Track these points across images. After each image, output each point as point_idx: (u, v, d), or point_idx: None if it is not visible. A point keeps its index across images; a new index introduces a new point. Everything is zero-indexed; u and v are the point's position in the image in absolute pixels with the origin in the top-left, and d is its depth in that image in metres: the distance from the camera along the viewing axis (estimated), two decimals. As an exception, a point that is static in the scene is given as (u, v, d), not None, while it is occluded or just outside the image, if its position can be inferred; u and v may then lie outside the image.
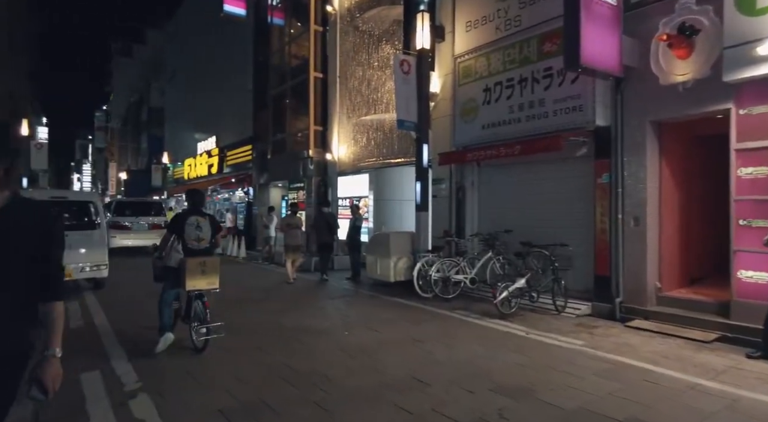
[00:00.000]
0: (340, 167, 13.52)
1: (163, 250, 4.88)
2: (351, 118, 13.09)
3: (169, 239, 4.86)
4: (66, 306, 5.26)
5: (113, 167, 55.09)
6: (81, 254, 7.66)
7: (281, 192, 18.36)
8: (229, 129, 22.62)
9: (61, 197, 7.74)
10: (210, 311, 4.79)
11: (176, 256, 4.86)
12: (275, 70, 16.99)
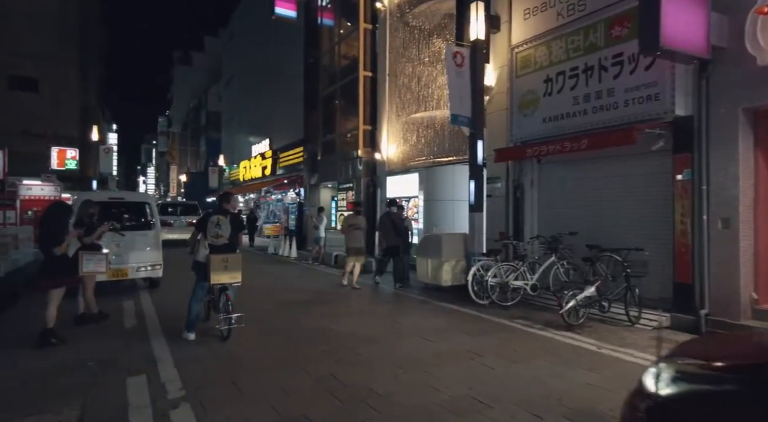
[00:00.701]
0: (389, 166, 13.22)
1: (193, 246, 5.39)
2: (400, 116, 12.76)
3: (196, 236, 5.35)
4: (122, 306, 5.26)
5: (174, 169, 58.04)
6: (137, 253, 7.81)
7: (331, 193, 18.36)
8: (281, 132, 23.01)
9: (118, 198, 7.97)
10: (232, 303, 5.21)
11: (203, 252, 5.25)
12: (325, 71, 16.99)
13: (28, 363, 4.39)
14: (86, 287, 5.77)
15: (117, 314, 6.34)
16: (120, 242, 7.66)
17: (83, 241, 5.71)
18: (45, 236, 4.91)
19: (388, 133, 13.26)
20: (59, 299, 4.98)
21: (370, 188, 13.96)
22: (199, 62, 58.31)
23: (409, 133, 12.35)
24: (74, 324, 5.72)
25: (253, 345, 5.04)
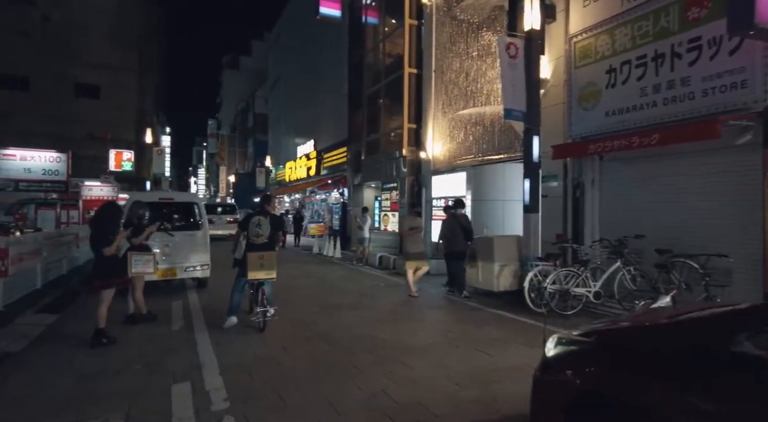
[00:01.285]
0: (435, 165, 12.83)
1: (236, 245, 5.89)
2: (447, 113, 12.35)
3: (240, 235, 5.79)
4: (171, 306, 5.20)
5: (223, 170, 59.99)
6: (186, 254, 7.86)
7: (374, 193, 18.15)
8: (326, 132, 23.14)
9: (168, 198, 8.05)
10: (267, 297, 5.59)
11: (241, 250, 5.73)
12: (369, 69, 16.80)
13: (82, 362, 4.38)
14: (135, 288, 5.79)
15: (165, 314, 6.35)
16: (169, 243, 7.74)
17: (132, 242, 5.72)
18: (95, 237, 4.92)
19: (433, 131, 12.88)
20: (110, 299, 4.98)
21: (414, 188, 13.63)
22: (247, 66, 59.95)
23: (456, 130, 11.91)
24: (125, 323, 5.75)
25: (300, 351, 4.83)
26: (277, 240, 5.74)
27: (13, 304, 6.42)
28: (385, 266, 12.10)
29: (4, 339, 5.00)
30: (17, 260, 6.68)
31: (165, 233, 7.75)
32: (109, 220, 5.00)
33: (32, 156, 13.43)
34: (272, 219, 5.73)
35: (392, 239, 13.95)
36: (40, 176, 13.44)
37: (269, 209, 5.83)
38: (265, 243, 5.60)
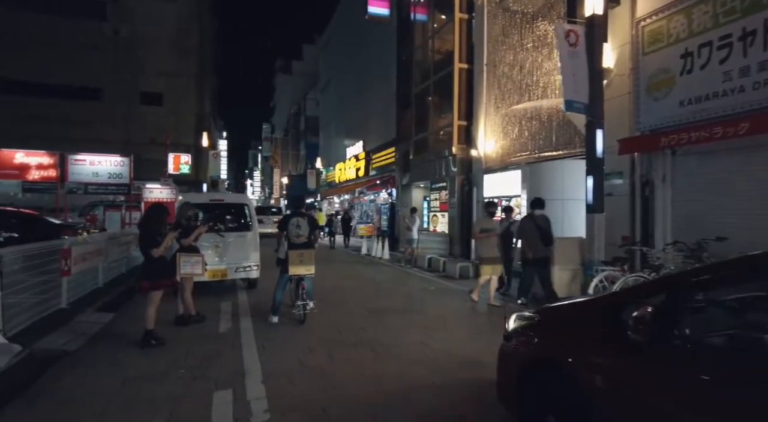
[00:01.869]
0: (487, 163, 12.31)
1: (278, 244, 6.26)
2: (500, 108, 11.80)
3: (281, 236, 6.18)
4: (220, 307, 5.13)
5: (277, 172, 61.75)
6: (236, 254, 7.91)
7: (423, 193, 17.83)
8: (374, 133, 23.08)
9: (218, 200, 8.15)
10: (307, 292, 6.02)
11: (282, 249, 6.14)
12: (418, 67, 16.48)
13: (130, 363, 4.40)
14: (184, 289, 5.82)
15: (214, 315, 6.36)
16: (220, 243, 7.81)
17: (181, 243, 5.76)
18: (143, 239, 4.95)
19: (485, 127, 12.37)
20: (158, 301, 5.00)
21: (465, 188, 13.17)
22: (299, 70, 61.29)
23: (510, 126, 11.35)
24: (175, 324, 5.79)
25: (346, 359, 4.62)
26: (314, 239, 6.25)
27: (76, 301, 6.66)
28: (435, 269, 11.74)
29: (65, 336, 5.15)
30: (81, 259, 6.95)
31: (216, 234, 7.85)
32: (156, 221, 5.02)
33: (99, 160, 14.20)
34: (309, 220, 6.21)
35: (442, 240, 13.56)
36: (106, 180, 14.18)
37: (303, 210, 6.36)
38: (305, 242, 6.03)
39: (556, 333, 2.77)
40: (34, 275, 5.83)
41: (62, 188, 13.77)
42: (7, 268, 5.06)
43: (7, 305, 4.95)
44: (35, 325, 5.32)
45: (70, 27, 33.82)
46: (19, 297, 5.32)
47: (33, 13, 33.60)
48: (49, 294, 6.13)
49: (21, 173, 13.51)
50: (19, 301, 5.29)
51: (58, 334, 5.17)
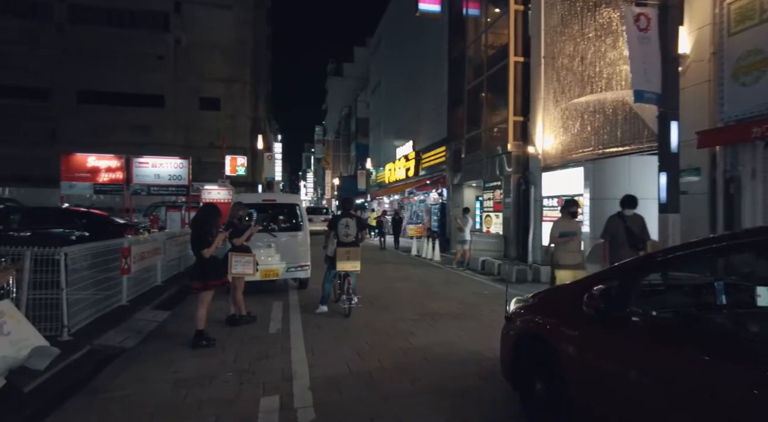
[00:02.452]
0: (545, 161, 11.68)
1: (326, 242, 6.69)
2: (559, 102, 11.15)
3: (329, 235, 6.63)
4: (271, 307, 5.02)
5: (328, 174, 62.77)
6: (287, 254, 7.90)
7: (475, 192, 17.32)
8: (424, 133, 22.86)
9: (270, 200, 8.19)
10: (353, 288, 6.47)
11: (331, 247, 6.57)
12: (470, 63, 16.01)
13: (181, 364, 4.41)
14: (236, 289, 5.82)
15: (265, 315, 6.34)
16: (272, 243, 7.84)
17: (233, 243, 5.76)
18: (194, 239, 4.97)
19: (543, 123, 11.74)
20: (208, 301, 5.00)
21: (521, 187, 12.58)
22: (350, 72, 62.03)
23: (571, 121, 10.68)
24: (226, 324, 5.81)
25: (397, 367, 4.39)
26: (361, 238, 6.65)
27: (136, 299, 6.89)
28: (489, 272, 11.27)
29: (123, 333, 5.27)
30: (140, 258, 7.19)
31: (269, 234, 7.89)
32: (207, 222, 5.03)
33: (161, 163, 14.88)
34: (357, 220, 6.63)
35: (496, 241, 13.03)
36: (166, 181, 14.84)
37: (352, 211, 6.77)
38: (353, 241, 6.46)
39: (543, 312, 3.23)
40: (97, 273, 6.08)
41: (128, 190, 14.55)
42: (73, 265, 5.27)
43: (74, 302, 5.14)
44: (98, 321, 5.50)
45: (136, 39, 36.03)
46: (84, 293, 5.55)
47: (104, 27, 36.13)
48: (112, 291, 6.37)
49: (92, 175, 14.41)
50: (85, 297, 5.52)
51: (118, 331, 5.31)
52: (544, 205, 11.65)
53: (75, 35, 34.89)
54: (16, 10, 34.69)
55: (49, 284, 4.89)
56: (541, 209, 11.73)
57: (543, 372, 3.00)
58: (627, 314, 2.51)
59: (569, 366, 2.73)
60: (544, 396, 2.99)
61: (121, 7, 36.65)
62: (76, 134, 32.30)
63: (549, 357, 2.89)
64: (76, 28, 35.18)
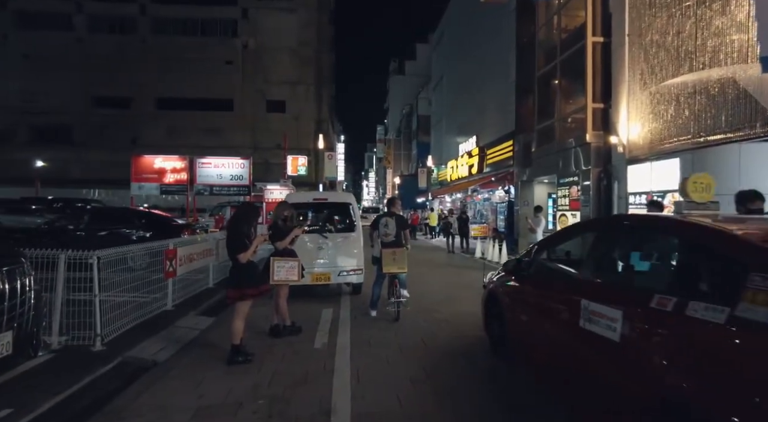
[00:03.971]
0: (631, 152, 10.24)
1: (372, 240, 6.50)
2: (647, 85, 9.69)
3: (372, 234, 6.49)
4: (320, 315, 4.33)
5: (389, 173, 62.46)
6: (339, 257, 7.32)
7: (547, 189, 15.92)
8: (489, 127, 21.77)
9: (322, 199, 7.65)
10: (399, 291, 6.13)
11: (377, 247, 6.35)
12: (541, 48, 14.65)
13: (211, 384, 3.89)
14: (279, 297, 5.27)
15: (311, 325, 5.75)
16: (323, 245, 7.29)
17: (276, 246, 5.22)
18: (231, 242, 4.45)
19: (628, 109, 10.29)
20: (245, 312, 4.46)
21: (601, 182, 11.17)
22: (411, 70, 61.40)
23: (663, 105, 9.21)
24: (269, 334, 5.29)
25: (460, 400, 3.59)
26: (405, 238, 6.38)
27: (183, 303, 6.60)
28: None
29: (160, 342, 4.90)
30: (188, 260, 6.90)
31: (319, 235, 7.35)
32: (245, 222, 4.49)
33: (222, 163, 15.06)
34: (397, 219, 6.38)
35: (572, 244, 11.67)
36: (228, 182, 15.00)
37: (395, 210, 6.48)
38: (393, 241, 6.20)
39: (500, 278, 4.71)
40: (140, 276, 5.82)
41: (192, 190, 14.83)
42: (111, 269, 5.00)
43: (112, 307, 4.85)
44: (138, 328, 5.19)
45: (207, 45, 37.68)
46: (125, 297, 5.27)
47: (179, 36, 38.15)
48: (158, 295, 6.10)
49: (159, 176, 14.85)
50: (124, 302, 5.24)
51: (155, 340, 4.94)
52: (630, 203, 10.22)
53: (155, 46, 37.14)
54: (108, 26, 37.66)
55: (86, 288, 4.61)
56: (627, 207, 10.30)
57: (497, 319, 4.56)
58: (527, 274, 4.00)
59: (507, 309, 4.30)
60: (498, 334, 4.53)
61: (195, 17, 38.53)
62: (153, 138, 34.32)
63: (498, 307, 4.49)
64: (157, 39, 37.44)
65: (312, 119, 38.93)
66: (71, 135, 36.42)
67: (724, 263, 2.28)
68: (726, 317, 1.99)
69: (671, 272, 2.85)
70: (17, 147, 34.43)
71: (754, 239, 2.29)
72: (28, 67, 35.44)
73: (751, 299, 1.94)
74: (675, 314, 2.24)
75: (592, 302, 2.79)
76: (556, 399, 3.40)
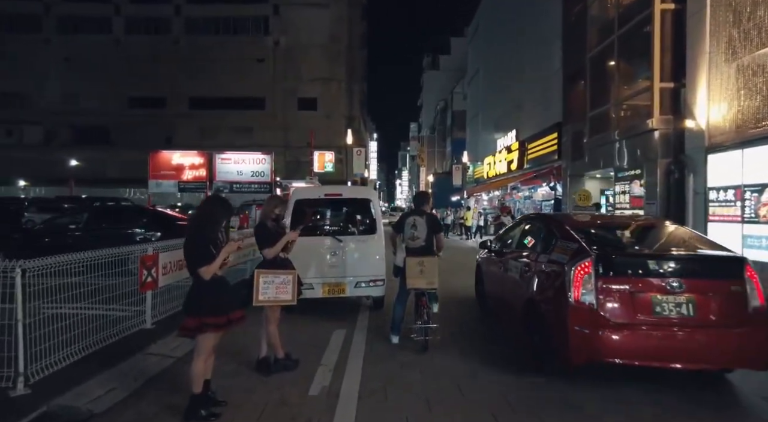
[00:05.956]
0: (712, 138, 8.47)
1: (394, 246, 5.27)
2: (736, 56, 7.92)
3: (395, 238, 5.22)
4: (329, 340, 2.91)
5: (423, 171, 60.89)
6: (356, 265, 6.06)
7: (600, 185, 14.15)
8: (529, 120, 20.25)
9: (335, 194, 6.35)
10: (428, 311, 4.80)
11: (400, 255, 5.07)
12: (593, 24, 12.86)
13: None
14: (268, 322, 4.02)
15: (314, 357, 4.47)
16: (337, 250, 6.03)
17: (264, 254, 3.99)
18: (188, 250, 3.23)
19: (709, 86, 8.52)
20: (209, 349, 3.22)
21: (673, 174, 9.41)
22: (446, 65, 59.69)
23: (758, 78, 7.43)
24: (256, 370, 4.06)
25: None
26: (437, 244, 5.04)
27: (167, 319, 5.44)
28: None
29: (111, 380, 3.74)
30: (178, 267, 5.79)
31: (332, 238, 6.10)
32: (210, 222, 3.24)
33: (243, 159, 14.16)
34: (429, 219, 5.02)
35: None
36: (249, 178, 14.09)
37: (425, 208, 5.13)
38: (422, 246, 4.91)
39: (481, 255, 6.90)
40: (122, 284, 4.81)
41: (211, 188, 13.96)
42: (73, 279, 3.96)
43: (66, 327, 3.77)
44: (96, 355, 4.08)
45: (239, 44, 37.35)
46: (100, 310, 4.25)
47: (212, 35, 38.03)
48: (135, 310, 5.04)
49: (177, 173, 14.06)
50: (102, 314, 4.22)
51: (106, 376, 3.78)
52: (710, 199, 8.43)
53: (188, 46, 37.16)
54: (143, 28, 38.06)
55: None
56: (706, 204, 8.52)
57: (479, 281, 6.82)
58: (494, 250, 6.18)
59: (484, 274, 6.52)
60: (481, 293, 6.70)
61: (226, 15, 38.31)
62: (186, 137, 34.19)
63: (479, 273, 6.81)
64: (190, 39, 37.46)
65: (343, 116, 37.97)
66: (108, 135, 36.97)
67: (554, 235, 4.53)
68: (547, 259, 4.34)
69: (540, 241, 4.88)
70: (58, 148, 35.21)
71: (566, 224, 4.63)
72: (68, 70, 36.21)
73: (557, 251, 4.24)
74: (535, 261, 4.60)
75: (509, 260, 5.37)
76: (498, 322, 5.91)
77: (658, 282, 3.61)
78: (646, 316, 3.54)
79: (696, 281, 3.63)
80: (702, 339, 3.52)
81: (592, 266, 3.65)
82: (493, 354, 4.68)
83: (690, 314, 3.55)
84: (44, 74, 35.65)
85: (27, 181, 34.29)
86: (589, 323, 3.57)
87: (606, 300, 3.59)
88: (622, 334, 3.52)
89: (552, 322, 3.90)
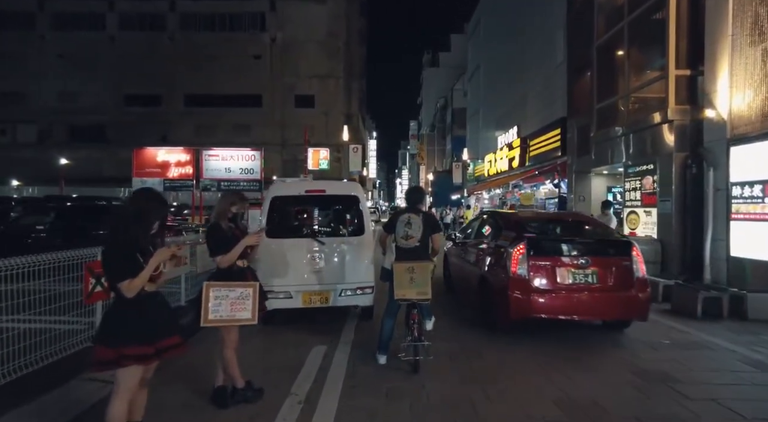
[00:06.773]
0: (736, 128, 7.73)
1: (384, 248, 4.69)
2: (761, 38, 7.20)
3: (386, 239, 4.63)
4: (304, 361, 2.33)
5: (423, 169, 60.23)
6: (340, 270, 5.37)
7: (607, 182, 13.44)
8: (531, 116, 19.66)
9: (318, 190, 5.64)
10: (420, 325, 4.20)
11: (390, 258, 4.46)
12: (601, 11, 12.12)
13: None
14: (224, 346, 3.31)
15: (283, 382, 3.76)
16: (319, 254, 5.33)
17: (218, 262, 3.28)
18: (107, 260, 2.53)
19: (731, 72, 7.79)
20: (133, 386, 2.50)
21: (690, 169, 8.67)
22: (446, 62, 59.14)
23: (791, 61, 6.71)
24: (211, 402, 3.36)
25: None
26: (434, 246, 4.50)
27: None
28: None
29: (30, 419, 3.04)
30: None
31: (312, 239, 5.40)
32: (137, 224, 2.53)
33: (231, 155, 13.47)
34: (425, 218, 4.40)
35: (647, 249, 9.20)
36: (238, 176, 13.39)
37: (421, 205, 4.59)
38: (416, 248, 4.29)
39: (449, 246, 8.08)
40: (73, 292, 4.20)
41: (198, 187, 13.26)
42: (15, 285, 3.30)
43: None
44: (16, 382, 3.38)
45: (235, 40, 36.60)
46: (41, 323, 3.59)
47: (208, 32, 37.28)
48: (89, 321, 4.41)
49: (162, 171, 13.37)
50: (43, 328, 3.55)
51: (23, 412, 3.09)
52: (733, 196, 7.70)
53: (184, 42, 36.42)
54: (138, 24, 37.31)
55: None
56: (728, 201, 7.79)
57: (446, 267, 8.09)
58: (458, 241, 7.50)
59: (450, 263, 7.75)
60: (447, 276, 8.08)
61: (223, 11, 37.55)
62: (182, 135, 33.47)
63: (447, 261, 8.02)
64: (185, 35, 36.72)
65: (341, 113, 37.24)
66: (104, 134, 36.26)
67: (500, 226, 5.94)
68: (495, 244, 5.67)
69: (491, 232, 6.40)
70: (53, 147, 34.49)
71: (509, 218, 6.43)
72: (63, 67, 35.48)
73: (502, 238, 5.56)
74: (488, 246, 5.93)
75: (468, 248, 6.71)
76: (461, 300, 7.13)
77: (571, 260, 5.02)
78: (563, 283, 4.94)
79: (598, 258, 5.06)
80: (603, 299, 5.00)
81: (525, 248, 4.98)
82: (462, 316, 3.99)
83: (594, 282, 4.99)
84: (38, 72, 34.99)
85: (21, 181, 33.62)
86: (523, 289, 4.88)
87: (535, 273, 4.94)
88: (546, 297, 4.91)
89: (497, 290, 5.18)
